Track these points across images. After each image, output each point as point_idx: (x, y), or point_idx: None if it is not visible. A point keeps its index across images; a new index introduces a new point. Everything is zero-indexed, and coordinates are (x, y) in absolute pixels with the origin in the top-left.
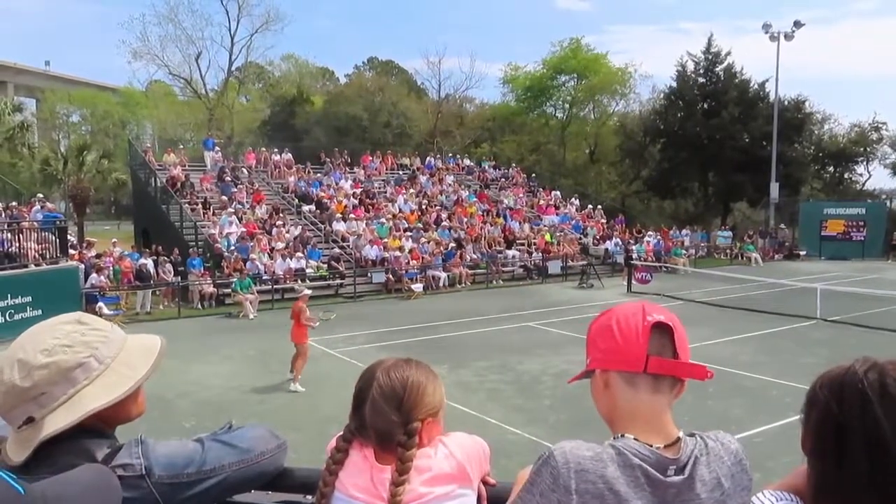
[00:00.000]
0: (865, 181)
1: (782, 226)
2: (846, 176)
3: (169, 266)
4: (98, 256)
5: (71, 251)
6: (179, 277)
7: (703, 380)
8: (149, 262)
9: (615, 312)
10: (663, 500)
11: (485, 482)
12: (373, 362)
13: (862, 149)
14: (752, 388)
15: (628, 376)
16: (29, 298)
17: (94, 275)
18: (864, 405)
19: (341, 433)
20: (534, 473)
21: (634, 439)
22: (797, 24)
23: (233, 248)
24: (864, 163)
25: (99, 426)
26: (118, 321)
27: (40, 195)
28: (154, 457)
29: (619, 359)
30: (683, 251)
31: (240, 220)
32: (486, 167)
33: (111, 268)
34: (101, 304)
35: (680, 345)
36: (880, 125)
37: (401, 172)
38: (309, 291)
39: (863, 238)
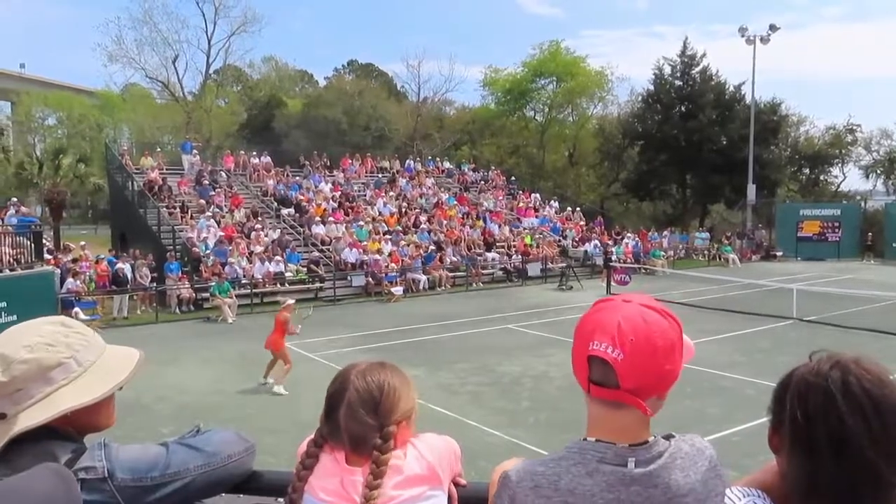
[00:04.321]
0: (840, 183)
1: (760, 227)
2: (822, 178)
3: (146, 270)
4: (74, 261)
5: (47, 256)
6: (156, 282)
7: (645, 415)
8: (126, 267)
9: (583, 322)
10: (627, 499)
11: (455, 483)
12: (345, 366)
13: (837, 151)
14: (729, 388)
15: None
16: (4, 304)
17: (69, 279)
18: (828, 403)
19: (312, 437)
20: (495, 497)
21: (596, 441)
22: (773, 28)
23: (210, 251)
24: (839, 164)
25: (69, 431)
26: (95, 326)
27: (15, 199)
28: (117, 460)
29: (576, 373)
30: (662, 252)
31: (218, 223)
32: (466, 170)
33: (87, 272)
34: (77, 309)
35: (623, 374)
36: (854, 127)
37: (380, 175)
38: (293, 301)
39: (838, 239)
